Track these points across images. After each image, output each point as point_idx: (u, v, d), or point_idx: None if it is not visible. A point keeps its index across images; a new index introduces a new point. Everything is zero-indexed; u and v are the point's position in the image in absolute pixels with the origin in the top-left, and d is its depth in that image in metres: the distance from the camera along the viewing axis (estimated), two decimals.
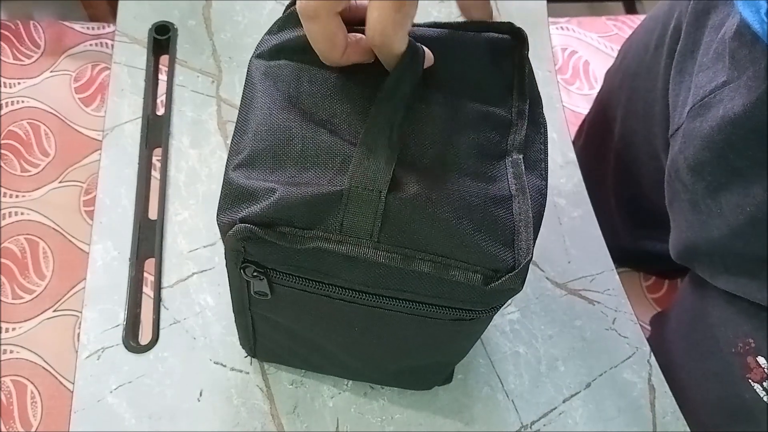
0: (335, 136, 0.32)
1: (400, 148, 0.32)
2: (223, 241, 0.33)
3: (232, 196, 0.32)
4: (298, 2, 0.30)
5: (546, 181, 0.35)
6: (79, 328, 0.49)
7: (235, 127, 0.34)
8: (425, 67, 0.33)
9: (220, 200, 0.32)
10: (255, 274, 0.34)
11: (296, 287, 0.34)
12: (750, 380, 0.47)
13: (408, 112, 0.32)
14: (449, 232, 0.31)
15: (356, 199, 0.30)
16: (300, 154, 0.32)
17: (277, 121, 0.33)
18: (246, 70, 0.36)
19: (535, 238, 0.32)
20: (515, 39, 0.36)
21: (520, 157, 0.34)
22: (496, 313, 0.36)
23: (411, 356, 0.42)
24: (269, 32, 0.36)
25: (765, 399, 0.47)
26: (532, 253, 0.31)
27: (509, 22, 0.37)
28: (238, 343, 0.48)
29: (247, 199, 0.31)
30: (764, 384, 0.47)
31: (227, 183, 0.32)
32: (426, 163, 0.32)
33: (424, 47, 0.34)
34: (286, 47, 0.35)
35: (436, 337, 0.38)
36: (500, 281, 0.31)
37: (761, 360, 0.46)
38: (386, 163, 0.31)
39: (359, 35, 0.33)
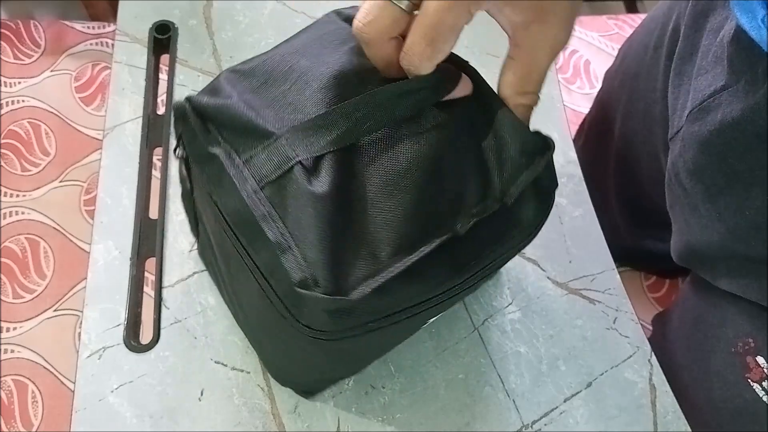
0: (322, 99, 0.32)
1: (356, 143, 0.32)
2: None
3: (209, 87, 0.35)
4: (353, 26, 0.30)
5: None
6: (80, 327, 0.49)
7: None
8: (460, 95, 0.33)
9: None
10: (179, 155, 0.36)
11: (198, 187, 0.36)
12: (749, 380, 0.47)
13: (396, 123, 0.32)
14: (316, 229, 0.30)
15: (276, 148, 0.31)
16: (281, 94, 0.33)
17: (291, 61, 0.34)
18: None
19: (389, 295, 0.31)
20: (544, 143, 0.35)
21: (436, 241, 0.32)
22: (305, 337, 0.33)
23: (260, 334, 0.43)
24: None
25: (764, 399, 0.47)
26: (361, 300, 0.30)
27: (546, 137, 0.35)
28: (239, 342, 0.48)
29: (211, 93, 0.34)
30: (763, 384, 0.47)
31: (216, 76, 0.35)
32: (362, 173, 0.32)
33: (467, 76, 0.33)
34: None
35: (269, 329, 0.38)
36: (307, 291, 0.30)
37: (760, 360, 0.47)
38: (327, 143, 0.31)
39: None
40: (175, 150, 0.37)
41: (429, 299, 0.34)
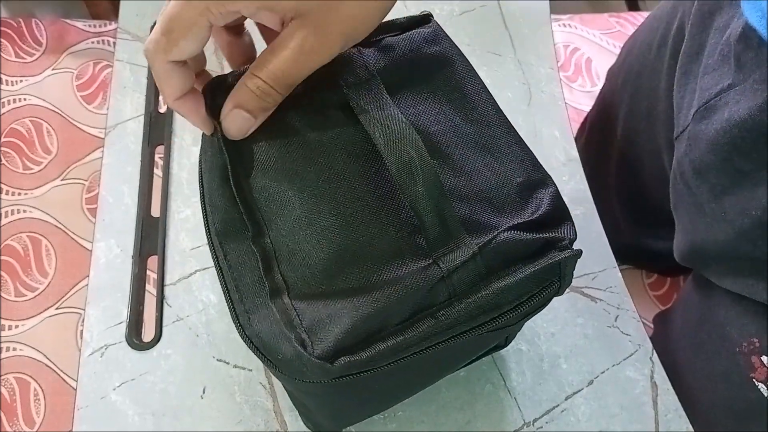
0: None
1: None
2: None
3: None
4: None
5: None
6: (82, 325, 0.49)
7: None
8: None
9: None
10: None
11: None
12: (755, 380, 0.47)
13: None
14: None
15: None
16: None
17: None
18: None
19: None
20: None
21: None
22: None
23: None
24: None
25: None
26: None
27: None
28: (241, 340, 0.48)
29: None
30: None
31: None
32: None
33: None
34: None
35: None
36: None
37: (766, 360, 0.46)
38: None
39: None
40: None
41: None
